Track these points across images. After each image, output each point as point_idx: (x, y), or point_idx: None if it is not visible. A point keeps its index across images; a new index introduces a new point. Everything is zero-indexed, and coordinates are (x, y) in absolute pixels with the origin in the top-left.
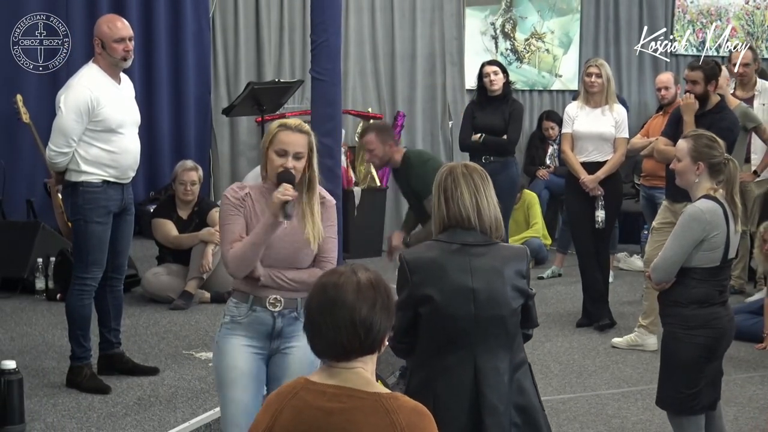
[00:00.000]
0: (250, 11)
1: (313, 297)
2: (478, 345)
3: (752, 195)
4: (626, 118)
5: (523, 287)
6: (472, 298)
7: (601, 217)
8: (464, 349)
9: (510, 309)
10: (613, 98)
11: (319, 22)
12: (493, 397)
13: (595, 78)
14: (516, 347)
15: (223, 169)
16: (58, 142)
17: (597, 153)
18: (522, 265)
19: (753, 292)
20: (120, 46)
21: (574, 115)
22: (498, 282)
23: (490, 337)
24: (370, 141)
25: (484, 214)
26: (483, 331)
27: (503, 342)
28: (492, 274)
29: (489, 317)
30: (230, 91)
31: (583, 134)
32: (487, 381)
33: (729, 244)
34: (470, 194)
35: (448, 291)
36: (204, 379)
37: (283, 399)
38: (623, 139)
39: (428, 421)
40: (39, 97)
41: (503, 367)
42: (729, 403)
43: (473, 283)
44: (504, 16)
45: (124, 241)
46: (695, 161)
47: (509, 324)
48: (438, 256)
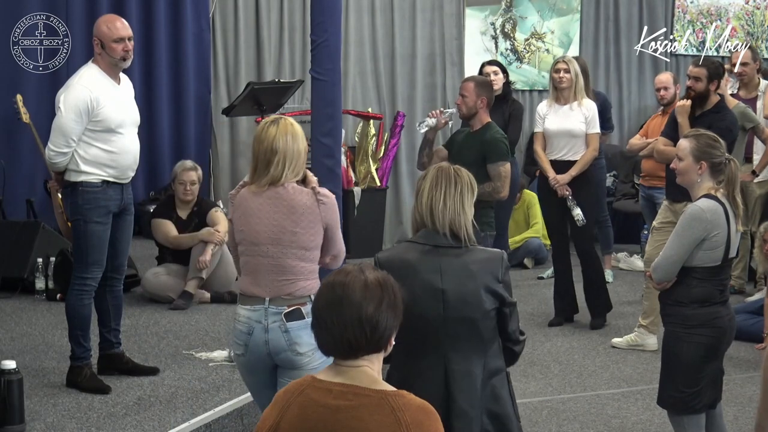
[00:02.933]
0: (250, 11)
1: (320, 295)
2: (449, 348)
3: (753, 195)
4: (596, 113)
5: (498, 290)
6: (441, 299)
7: (579, 215)
8: (435, 351)
9: (482, 311)
10: (582, 94)
11: (319, 22)
12: (463, 401)
13: (563, 73)
14: (492, 353)
15: (223, 169)
16: (58, 142)
17: (568, 151)
18: (496, 268)
19: (753, 292)
20: (119, 46)
21: (544, 113)
22: (469, 283)
23: (461, 340)
24: (467, 87)
25: (436, 216)
26: (453, 333)
27: (476, 346)
28: (463, 275)
29: (458, 318)
30: (230, 91)
31: (553, 132)
32: (458, 385)
33: (730, 243)
34: (429, 195)
35: (417, 291)
36: (204, 379)
37: (290, 396)
38: (594, 134)
39: (434, 419)
40: (39, 97)
41: (476, 372)
42: (729, 403)
43: (443, 284)
44: (504, 16)
45: (124, 241)
46: (697, 161)
47: (481, 327)
48: (410, 256)
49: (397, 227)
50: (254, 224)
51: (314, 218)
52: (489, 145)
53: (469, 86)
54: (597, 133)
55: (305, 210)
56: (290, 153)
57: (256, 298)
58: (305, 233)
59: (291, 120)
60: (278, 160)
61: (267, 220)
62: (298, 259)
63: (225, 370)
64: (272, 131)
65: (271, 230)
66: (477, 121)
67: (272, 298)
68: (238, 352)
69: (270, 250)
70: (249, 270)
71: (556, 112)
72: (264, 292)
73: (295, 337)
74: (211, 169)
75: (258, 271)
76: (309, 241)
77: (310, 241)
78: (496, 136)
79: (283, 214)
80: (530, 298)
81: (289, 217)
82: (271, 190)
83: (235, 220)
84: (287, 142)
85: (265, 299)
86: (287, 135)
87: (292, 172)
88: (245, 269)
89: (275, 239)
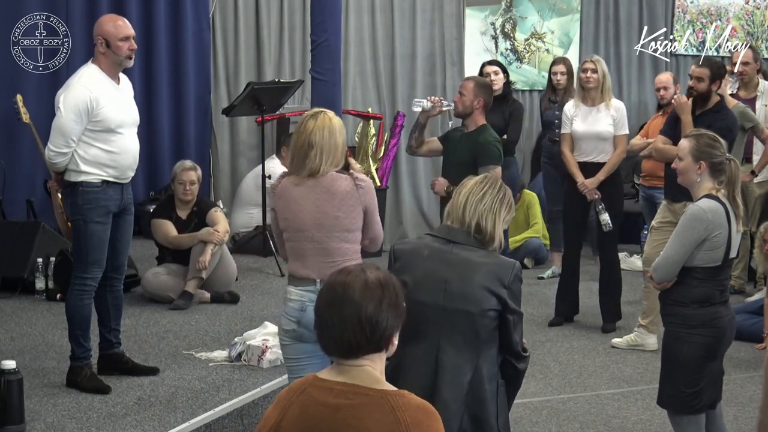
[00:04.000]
0: (250, 11)
1: (322, 295)
2: (443, 338)
3: (753, 195)
4: (625, 113)
5: (501, 294)
6: (443, 288)
7: (606, 221)
8: (429, 340)
9: (480, 308)
10: (610, 95)
11: (319, 22)
12: (447, 393)
13: (591, 73)
14: (487, 357)
15: (223, 169)
16: (58, 143)
17: (596, 154)
18: (504, 274)
19: (753, 292)
20: (125, 44)
21: (572, 114)
22: (473, 278)
23: (456, 333)
24: (466, 85)
25: (468, 207)
26: (450, 324)
27: (470, 342)
28: (468, 269)
29: (457, 311)
30: (230, 91)
31: (581, 134)
32: (445, 377)
33: (730, 243)
34: (470, 189)
35: (420, 277)
36: (204, 379)
37: (292, 395)
38: (623, 136)
39: (434, 419)
40: (39, 97)
41: (466, 368)
42: (729, 403)
43: (446, 274)
44: (504, 16)
45: (124, 241)
46: (697, 160)
47: (478, 324)
48: (421, 246)
49: (397, 227)
50: (297, 212)
51: (354, 202)
52: (481, 148)
53: (469, 85)
54: (626, 135)
55: (345, 195)
56: (327, 147)
57: (307, 280)
58: (346, 217)
59: (330, 114)
60: (315, 154)
61: (309, 206)
62: (342, 241)
63: (225, 370)
64: (310, 125)
65: (314, 216)
66: (472, 122)
67: (321, 279)
68: (289, 327)
69: (314, 235)
70: (296, 255)
71: (584, 114)
72: (313, 274)
73: None
74: (211, 169)
75: (305, 255)
76: (351, 224)
77: (351, 224)
78: (489, 140)
79: (325, 200)
80: (530, 298)
81: (330, 203)
82: (310, 180)
83: (278, 209)
84: (324, 137)
85: (315, 280)
86: (324, 129)
87: (330, 164)
88: (293, 254)
89: (318, 224)
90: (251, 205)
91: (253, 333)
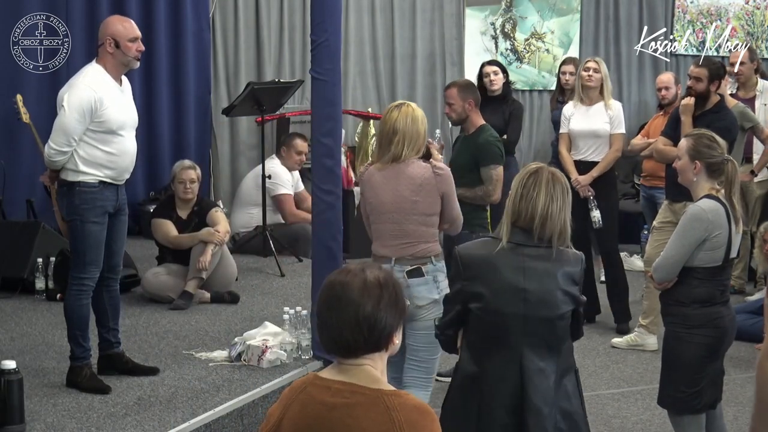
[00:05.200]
0: (250, 11)
1: (322, 294)
2: (525, 345)
3: (753, 195)
4: (622, 113)
5: (574, 293)
6: (523, 298)
7: (597, 217)
8: (511, 348)
9: (559, 312)
10: (609, 96)
11: (319, 22)
12: (537, 398)
13: (593, 72)
14: (565, 351)
15: (223, 169)
16: (59, 141)
17: (592, 152)
18: (575, 270)
19: (753, 292)
20: (134, 45)
21: (569, 114)
22: (550, 284)
23: (537, 339)
24: (450, 94)
25: (548, 224)
26: (531, 331)
27: (551, 344)
28: (544, 275)
29: (538, 318)
30: (230, 91)
31: (578, 133)
32: (532, 382)
33: (731, 243)
34: (545, 201)
35: (498, 289)
36: (204, 379)
37: (294, 393)
38: (619, 134)
39: (429, 420)
40: (39, 97)
41: (549, 370)
42: (729, 403)
43: (525, 283)
44: (504, 16)
45: (120, 241)
46: (693, 160)
47: (558, 327)
48: (491, 254)
49: None
50: (380, 195)
51: (431, 188)
52: (482, 149)
53: (452, 93)
54: (621, 134)
55: (423, 181)
56: (409, 134)
57: (384, 258)
58: (424, 201)
59: (414, 105)
60: (398, 140)
61: (390, 191)
62: (419, 224)
63: (225, 370)
64: (394, 114)
65: (394, 200)
66: (470, 124)
67: (397, 258)
68: None
69: (394, 217)
70: (377, 235)
71: (581, 113)
72: (390, 253)
73: (416, 292)
74: (211, 169)
75: (384, 235)
76: (428, 208)
77: (429, 208)
78: (489, 140)
79: (404, 185)
80: None
81: (409, 188)
82: (393, 165)
83: (364, 194)
84: (407, 124)
85: (391, 259)
86: (407, 117)
87: (412, 150)
88: (375, 234)
89: (398, 207)
90: (251, 205)
91: (253, 333)
